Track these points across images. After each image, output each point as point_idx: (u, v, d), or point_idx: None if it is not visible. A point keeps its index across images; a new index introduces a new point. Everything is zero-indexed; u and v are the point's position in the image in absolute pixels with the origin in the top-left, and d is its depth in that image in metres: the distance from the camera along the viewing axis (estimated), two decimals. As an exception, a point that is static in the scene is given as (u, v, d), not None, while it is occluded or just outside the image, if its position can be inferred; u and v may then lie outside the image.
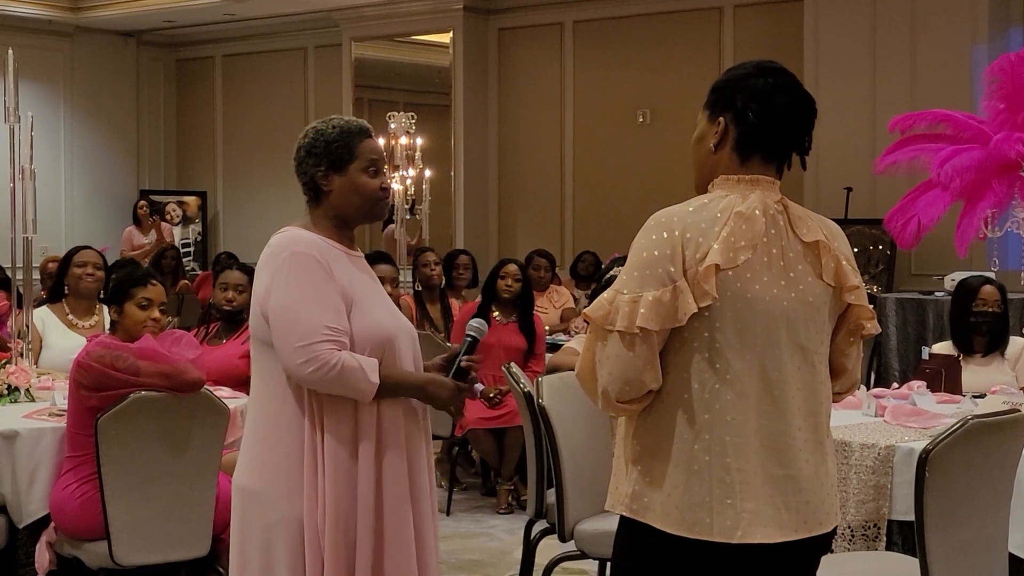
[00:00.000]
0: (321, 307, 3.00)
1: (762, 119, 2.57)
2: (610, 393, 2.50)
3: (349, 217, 3.18)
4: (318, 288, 3.02)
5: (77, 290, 5.78)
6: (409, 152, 10.93)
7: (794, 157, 2.67)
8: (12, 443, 4.37)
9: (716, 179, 2.62)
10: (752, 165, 2.60)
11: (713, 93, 2.65)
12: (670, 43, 11.53)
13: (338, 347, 2.99)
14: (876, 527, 4.24)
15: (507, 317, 7.21)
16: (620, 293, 2.49)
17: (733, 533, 2.46)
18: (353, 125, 3.19)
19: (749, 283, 2.50)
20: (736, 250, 2.48)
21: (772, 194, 2.59)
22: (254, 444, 3.11)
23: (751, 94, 2.58)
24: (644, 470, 2.54)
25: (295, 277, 3.03)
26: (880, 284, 9.64)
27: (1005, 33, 9.70)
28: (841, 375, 2.72)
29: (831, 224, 2.67)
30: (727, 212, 2.50)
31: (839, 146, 9.94)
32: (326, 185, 3.16)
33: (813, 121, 2.64)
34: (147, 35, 14.67)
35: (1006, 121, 7.22)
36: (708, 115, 2.65)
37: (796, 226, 2.58)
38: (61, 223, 13.57)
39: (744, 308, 2.49)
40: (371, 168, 3.16)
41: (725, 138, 2.61)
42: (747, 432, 2.48)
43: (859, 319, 2.66)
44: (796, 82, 2.63)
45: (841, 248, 2.63)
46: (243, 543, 3.10)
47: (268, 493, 3.04)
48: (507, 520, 6.71)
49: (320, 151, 3.15)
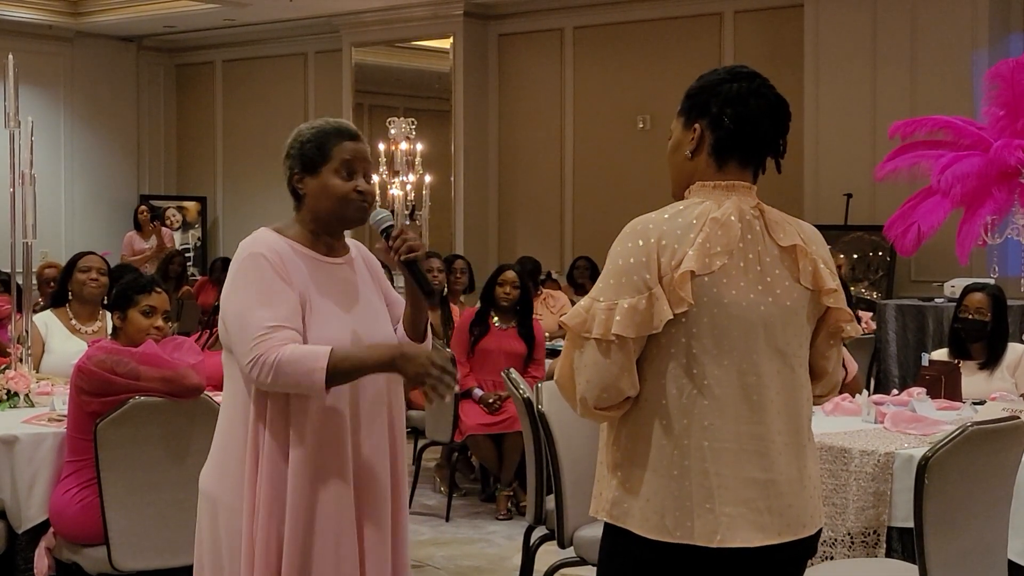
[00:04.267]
0: (265, 307, 2.89)
1: (738, 123, 2.58)
2: (588, 400, 2.51)
3: (324, 220, 3.06)
4: (264, 288, 2.92)
5: (81, 295, 5.78)
6: (409, 157, 10.94)
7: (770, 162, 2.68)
8: (11, 448, 4.37)
9: (693, 185, 2.63)
10: (729, 170, 2.60)
11: (687, 100, 2.66)
12: (670, 49, 11.53)
13: (278, 343, 2.85)
14: (876, 534, 4.23)
15: (506, 323, 7.22)
16: (596, 301, 2.51)
17: (712, 537, 2.47)
18: (330, 126, 3.08)
19: (725, 288, 2.50)
20: (711, 256, 2.48)
21: (748, 199, 2.59)
22: (214, 446, 3.10)
23: (726, 99, 2.59)
24: (624, 476, 2.55)
25: (243, 280, 2.96)
26: (880, 290, 9.65)
27: (1005, 38, 9.71)
28: (822, 377, 2.72)
29: (808, 228, 2.68)
30: (702, 218, 2.51)
31: (839, 152, 9.95)
32: (301, 188, 3.07)
33: (788, 124, 2.65)
34: (147, 40, 14.68)
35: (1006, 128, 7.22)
36: (683, 122, 2.66)
37: (773, 231, 2.59)
38: (61, 228, 13.58)
39: (720, 314, 2.50)
40: (344, 170, 3.03)
41: (701, 144, 2.62)
42: (725, 437, 2.49)
43: (838, 321, 2.66)
44: (769, 86, 2.64)
45: (819, 252, 2.63)
46: (199, 544, 3.09)
47: (221, 497, 3.00)
48: (506, 526, 6.70)
49: (295, 153, 3.07)
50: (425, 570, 5.91)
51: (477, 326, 7.19)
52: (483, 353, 7.15)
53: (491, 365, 7.11)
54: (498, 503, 6.97)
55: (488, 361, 7.14)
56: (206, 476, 3.08)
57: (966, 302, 5.82)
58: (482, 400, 7.00)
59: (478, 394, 7.03)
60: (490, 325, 7.21)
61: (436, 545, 6.34)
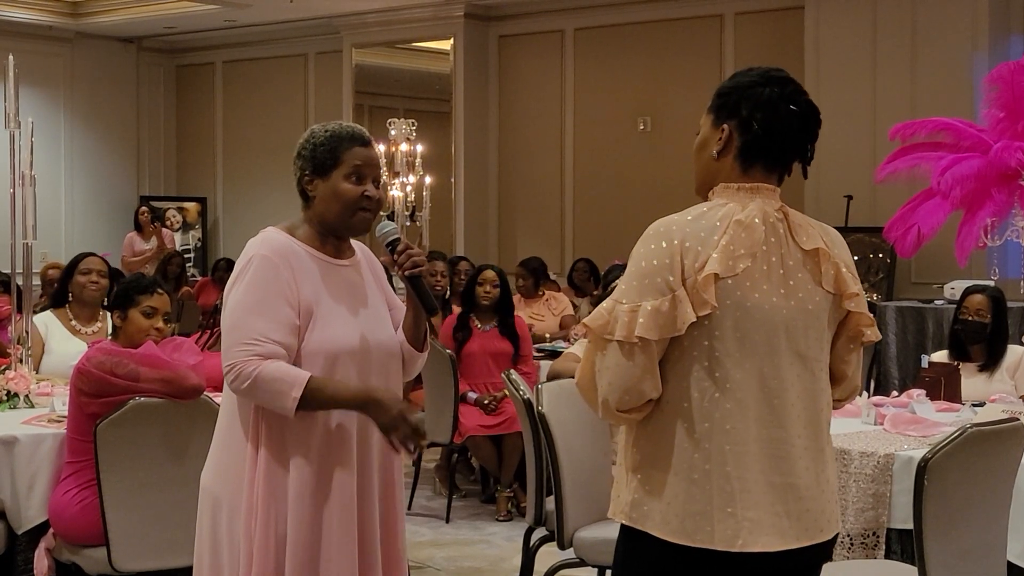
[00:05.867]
0: (259, 316, 2.93)
1: (767, 130, 2.57)
2: (610, 403, 2.50)
3: (330, 224, 3.10)
4: (263, 296, 2.95)
5: (81, 297, 5.77)
6: (409, 159, 10.93)
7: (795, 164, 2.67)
8: (11, 449, 4.37)
9: (717, 186, 2.61)
10: (754, 173, 2.59)
11: (718, 98, 2.64)
12: (671, 51, 11.53)
13: (261, 357, 2.89)
14: (875, 535, 4.24)
15: (486, 324, 7.22)
16: (619, 303, 2.49)
17: (734, 541, 2.46)
18: (345, 131, 3.11)
19: (748, 292, 2.49)
20: (735, 259, 2.47)
21: (772, 202, 2.58)
22: (214, 445, 3.12)
23: (757, 104, 2.57)
24: (644, 479, 2.54)
25: (245, 282, 2.99)
26: (880, 292, 9.64)
27: (1006, 41, 9.70)
28: (841, 382, 2.71)
29: (831, 231, 2.67)
30: (726, 220, 2.50)
31: (839, 154, 9.94)
32: (311, 190, 3.10)
33: (818, 131, 2.63)
34: (147, 41, 14.68)
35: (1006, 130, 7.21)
36: (712, 120, 2.64)
37: (796, 234, 2.58)
38: (61, 229, 13.57)
39: (743, 317, 2.48)
40: (354, 175, 3.06)
41: (728, 146, 2.60)
42: (747, 441, 2.48)
43: (859, 326, 2.66)
44: (802, 92, 2.61)
45: (841, 255, 2.62)
46: (199, 543, 3.10)
47: (222, 496, 3.01)
48: (506, 527, 6.70)
49: (307, 154, 3.10)
50: (425, 571, 5.91)
51: (459, 331, 7.20)
52: (469, 357, 7.15)
53: (479, 367, 7.12)
54: (498, 504, 6.97)
55: (475, 364, 7.14)
56: (207, 475, 3.09)
57: (966, 304, 5.82)
58: (477, 402, 7.00)
59: (472, 397, 7.03)
60: (472, 328, 7.22)
61: (436, 546, 6.34)
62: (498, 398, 6.96)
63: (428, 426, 7.16)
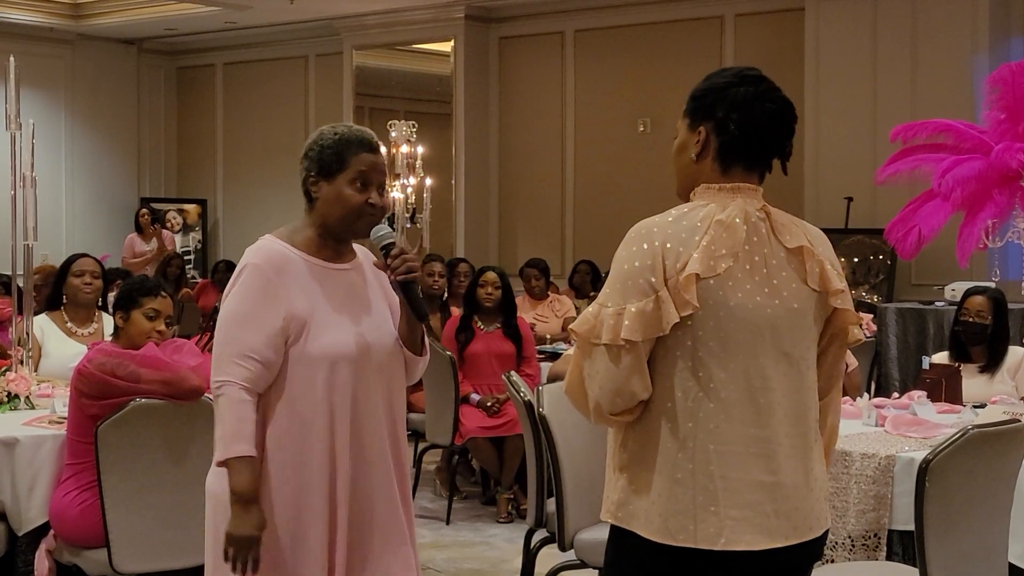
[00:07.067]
0: (246, 330, 2.96)
1: (744, 130, 2.57)
2: (603, 406, 2.51)
3: (332, 227, 3.09)
4: (251, 308, 2.98)
5: (75, 299, 5.76)
6: (410, 161, 10.92)
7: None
8: (12, 450, 4.37)
9: (697, 188, 2.62)
10: (734, 174, 2.59)
11: (693, 101, 2.65)
12: (671, 53, 11.53)
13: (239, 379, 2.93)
14: (876, 537, 4.23)
15: (489, 325, 7.22)
16: (604, 306, 2.50)
17: (717, 540, 2.46)
18: (354, 135, 3.10)
19: (731, 291, 2.49)
20: (716, 259, 2.48)
21: (754, 201, 2.59)
22: None
23: (732, 104, 2.58)
24: (630, 478, 2.55)
25: (237, 292, 3.01)
26: (880, 294, 9.64)
27: (1006, 43, 9.70)
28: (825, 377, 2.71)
29: (813, 229, 2.67)
30: (707, 221, 2.51)
31: (840, 156, 9.95)
32: (315, 192, 3.10)
33: (794, 128, 2.64)
34: (148, 43, 14.68)
35: (1007, 131, 7.23)
36: (688, 123, 2.65)
37: (779, 232, 2.58)
38: (62, 230, 13.58)
39: (726, 316, 2.49)
40: (359, 181, 3.06)
41: (707, 148, 2.61)
42: (731, 440, 2.49)
43: (845, 323, 2.66)
44: (776, 90, 2.62)
45: (825, 253, 2.63)
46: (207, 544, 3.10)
47: (224, 495, 3.01)
48: (507, 529, 6.70)
49: (314, 155, 3.09)
50: (426, 573, 5.91)
51: (462, 332, 7.21)
52: (473, 358, 7.15)
53: (483, 368, 7.12)
54: (499, 506, 6.97)
55: (479, 365, 7.14)
56: (211, 478, 3.09)
57: (967, 305, 5.83)
58: (480, 404, 7.00)
59: (475, 399, 7.03)
60: (475, 329, 7.22)
61: (436, 548, 6.33)
62: (500, 400, 6.96)
63: (428, 428, 7.16)
